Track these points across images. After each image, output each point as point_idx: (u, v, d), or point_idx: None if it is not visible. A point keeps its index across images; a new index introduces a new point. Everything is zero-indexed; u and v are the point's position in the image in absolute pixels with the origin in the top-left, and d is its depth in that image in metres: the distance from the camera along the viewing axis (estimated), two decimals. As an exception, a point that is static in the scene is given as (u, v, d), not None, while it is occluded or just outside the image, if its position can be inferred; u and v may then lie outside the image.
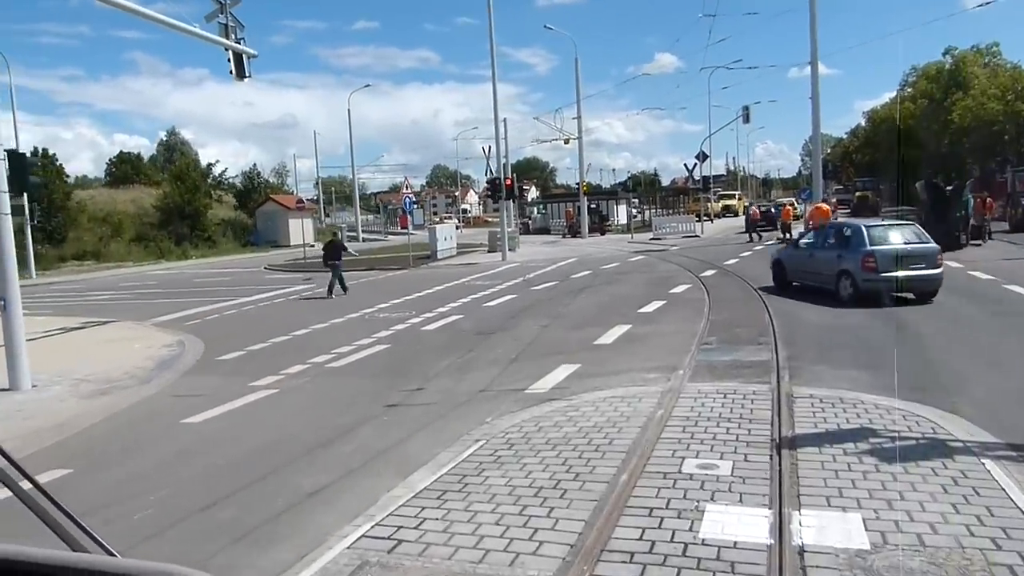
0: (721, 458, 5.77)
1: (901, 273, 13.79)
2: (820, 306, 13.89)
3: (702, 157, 50.12)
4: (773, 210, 39.17)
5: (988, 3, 23.86)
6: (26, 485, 1.31)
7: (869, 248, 14.14)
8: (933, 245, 14.42)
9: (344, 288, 20.78)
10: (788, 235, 32.01)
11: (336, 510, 5.39)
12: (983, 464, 5.41)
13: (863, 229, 14.72)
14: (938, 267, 14.10)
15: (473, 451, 6.37)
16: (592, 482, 5.45)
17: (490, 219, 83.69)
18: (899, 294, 13.91)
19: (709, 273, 20.85)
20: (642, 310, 14.58)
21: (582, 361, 10.00)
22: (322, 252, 22.53)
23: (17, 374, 10.15)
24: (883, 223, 15.88)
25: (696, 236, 39.22)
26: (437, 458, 6.32)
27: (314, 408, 8.79)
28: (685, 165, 55.57)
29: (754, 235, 34.22)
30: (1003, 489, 4.94)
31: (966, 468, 5.34)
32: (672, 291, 17.38)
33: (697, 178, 52.17)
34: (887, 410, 6.86)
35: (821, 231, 16.49)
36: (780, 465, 5.50)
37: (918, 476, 5.22)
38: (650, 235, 41.91)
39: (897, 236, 14.59)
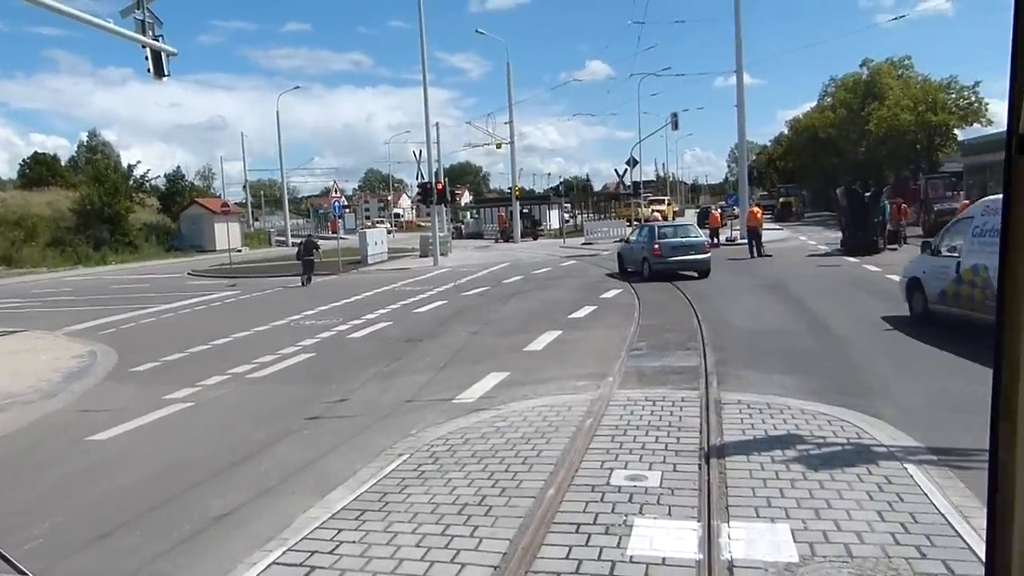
0: (650, 468, 5.63)
1: (678, 258, 19.96)
2: (748, 310, 14.02)
3: (632, 163, 50.79)
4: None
5: (901, 17, 24.79)
6: None
7: (657, 242, 20.25)
8: (701, 239, 20.92)
9: (309, 280, 25.09)
10: (716, 239, 32.59)
11: (247, 534, 5.05)
12: (906, 469, 5.41)
13: (655, 229, 21.35)
14: (705, 253, 20.23)
15: (396, 466, 6.10)
16: (518, 497, 5.24)
17: (423, 224, 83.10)
18: (682, 272, 19.73)
19: (639, 280, 20.91)
20: (573, 316, 14.50)
21: (511, 369, 9.81)
22: (297, 249, 27.19)
23: (-95, 390, 9.42)
24: (668, 225, 23.26)
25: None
26: (358, 474, 6.02)
27: (231, 422, 8.36)
28: (616, 171, 56.23)
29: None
30: (926, 495, 4.93)
31: (890, 474, 5.33)
32: (603, 296, 17.38)
33: (628, 183, 52.86)
34: (812, 415, 6.86)
35: (640, 231, 22.16)
36: (709, 475, 5.40)
37: (844, 483, 5.18)
38: (582, 240, 42.19)
39: (677, 234, 20.99)
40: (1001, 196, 1.18)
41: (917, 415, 6.89)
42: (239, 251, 50.20)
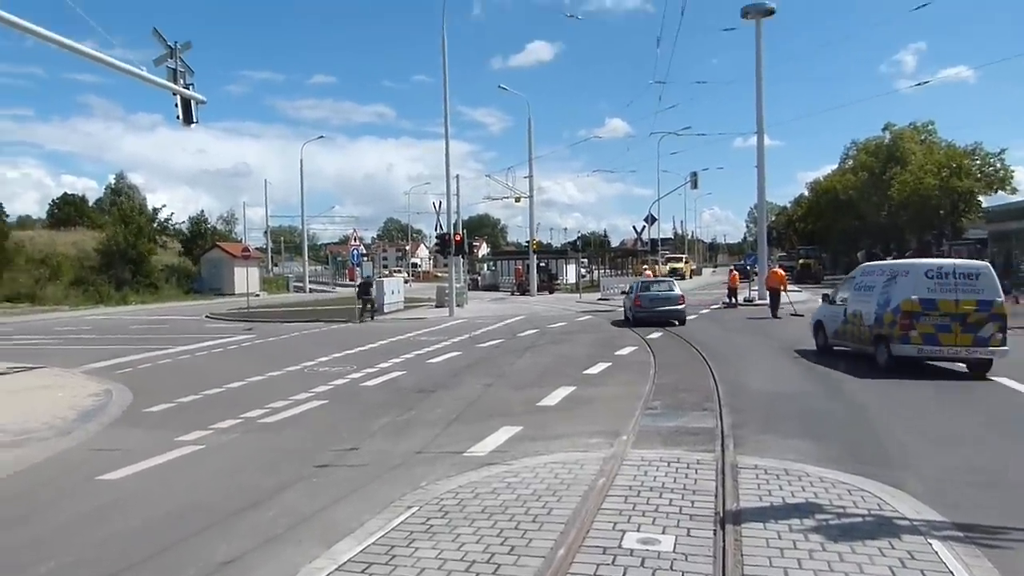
0: (663, 532, 5.53)
1: (656, 308, 24.35)
2: (770, 373, 13.90)
3: (651, 220, 51.11)
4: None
5: (923, 83, 24.99)
6: None
7: (638, 294, 25.21)
8: (676, 293, 24.95)
9: (372, 315, 29.76)
10: (734, 299, 32.52)
11: (251, 583, 4.98)
12: (930, 544, 5.27)
13: (639, 284, 27.29)
14: (680, 305, 24.41)
15: (404, 519, 6.02)
16: (527, 556, 5.14)
17: (440, 274, 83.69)
18: (660, 320, 23.84)
19: (655, 335, 20.87)
20: (587, 371, 14.42)
21: (524, 423, 9.73)
22: (357, 288, 31.88)
23: (-80, 423, 9.47)
24: (649, 281, 28.41)
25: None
26: (365, 526, 5.95)
27: (240, 467, 8.32)
28: (634, 227, 56.76)
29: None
30: (951, 573, 4.79)
31: (913, 549, 5.18)
32: (618, 353, 17.29)
33: (646, 240, 53.09)
34: (832, 483, 6.72)
35: (635, 285, 27.33)
36: (724, 542, 5.28)
37: (864, 556, 5.04)
38: (598, 295, 42.15)
39: (655, 288, 25.79)
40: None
41: (941, 488, 6.74)
42: (257, 295, 50.68)
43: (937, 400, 11.30)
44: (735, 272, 36.37)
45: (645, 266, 50.87)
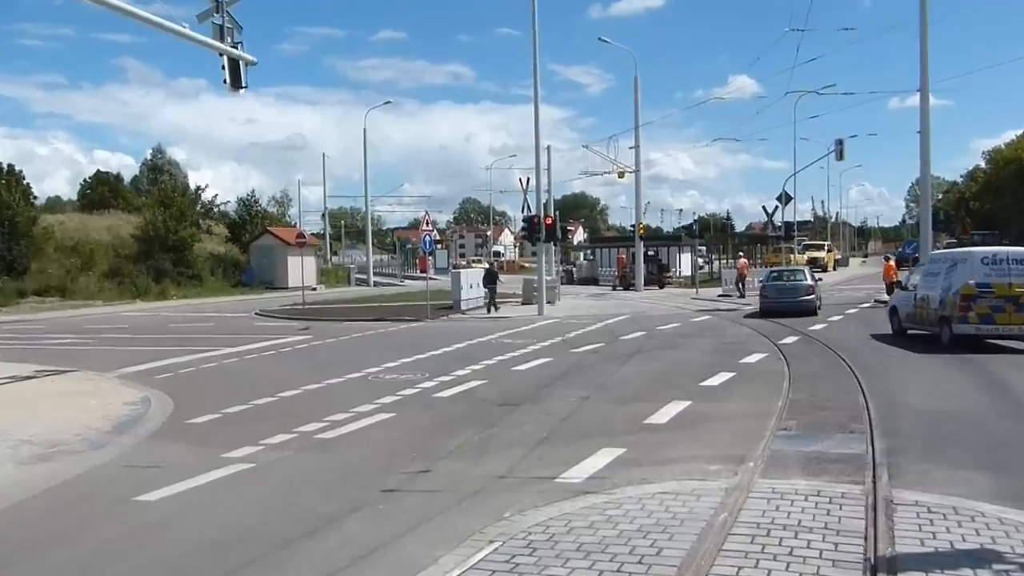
0: (799, 581, 5.42)
1: (783, 299, 27.94)
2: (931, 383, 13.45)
3: (784, 199, 49.90)
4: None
5: None
6: None
7: (765, 284, 29.57)
8: (805, 283, 28.61)
9: (496, 307, 32.57)
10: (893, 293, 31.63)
11: (307, 625, 5.13)
12: None
13: (767, 273, 32.05)
14: (809, 296, 27.97)
15: (485, 555, 6.10)
16: (632, 605, 5.13)
17: (527, 264, 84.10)
18: (784, 311, 26.96)
19: (790, 340, 20.54)
20: (705, 383, 14.27)
21: (628, 445, 9.71)
22: (482, 276, 34.69)
23: (-55, 431, 10.11)
24: (778, 270, 33.39)
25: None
26: (440, 562, 6.05)
27: (295, 489, 8.58)
28: (764, 208, 54.98)
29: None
30: None
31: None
32: (743, 361, 17.04)
33: (778, 224, 51.88)
34: (1015, 527, 6.46)
35: (765, 275, 31.95)
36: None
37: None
38: (719, 290, 41.56)
39: (783, 277, 29.92)
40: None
41: None
42: (314, 289, 51.81)
43: None
44: (891, 262, 35.24)
45: (809, 251, 49.63)
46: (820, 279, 31.55)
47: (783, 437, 9.98)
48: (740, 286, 38.98)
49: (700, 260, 55.63)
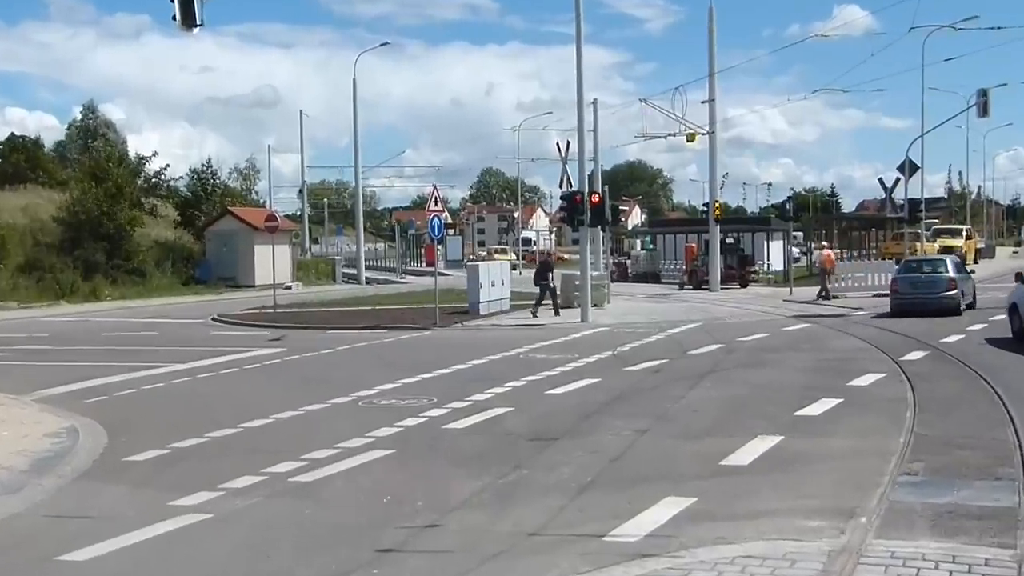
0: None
1: (918, 295, 29.90)
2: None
3: (909, 169, 49.28)
4: None
5: None
6: None
7: (896, 276, 31.42)
8: (946, 276, 29.95)
9: (556, 311, 32.69)
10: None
11: None
12: None
13: (901, 264, 34.84)
14: (949, 290, 29.43)
15: (511, 638, 6.11)
16: None
17: (566, 256, 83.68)
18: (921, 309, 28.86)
19: (916, 356, 20.40)
20: (802, 412, 14.20)
21: (699, 493, 9.68)
22: (535, 270, 36.20)
23: None
24: (916, 259, 35.79)
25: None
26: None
27: (265, 548, 8.62)
28: (880, 181, 54.20)
29: None
30: None
31: None
32: (853, 383, 16.95)
33: (900, 202, 51.34)
34: None
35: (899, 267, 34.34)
36: None
37: None
38: (819, 288, 41.28)
39: (922, 268, 31.70)
40: None
41: None
42: (289, 288, 52.00)
43: None
44: None
45: (942, 239, 49.11)
46: (972, 271, 32.03)
47: (906, 484, 9.90)
48: (824, 285, 38.94)
49: (795, 250, 55.16)
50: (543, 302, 32.95)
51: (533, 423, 14.10)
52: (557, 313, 32.43)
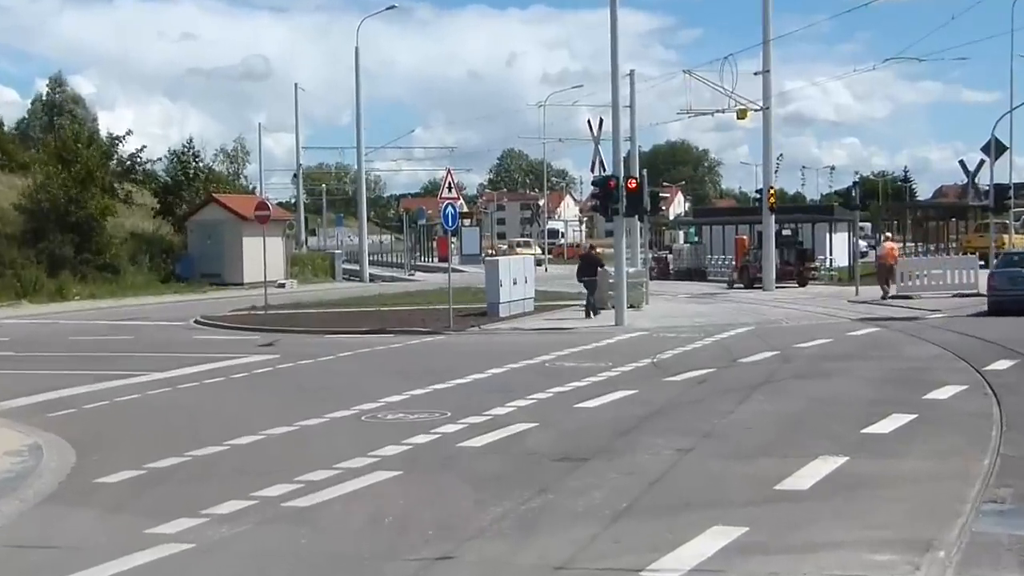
0: None
1: (1019, 291, 30.16)
2: None
3: (995, 149, 48.95)
4: None
5: None
6: None
7: (993, 271, 32.56)
8: None
9: (595, 311, 32.79)
10: None
11: None
12: None
13: (1001, 259, 35.30)
14: None
15: None
16: None
17: (601, 249, 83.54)
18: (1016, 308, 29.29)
19: (1003, 365, 20.34)
20: (870, 430, 14.16)
21: (751, 521, 9.66)
22: (577, 266, 36.24)
23: None
24: (1018, 252, 36.57)
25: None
26: None
27: (254, 583, 8.65)
28: (962, 163, 53.70)
29: None
30: None
31: None
32: (929, 396, 16.89)
33: (984, 187, 50.99)
34: None
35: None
36: None
37: None
38: (893, 287, 41.12)
39: (1023, 263, 31.97)
40: None
41: None
42: (282, 286, 52.09)
43: None
44: None
45: (885, 238, 49.13)
46: None
47: (991, 513, 9.87)
48: (885, 283, 39.20)
49: (862, 243, 54.91)
50: (594, 302, 33.21)
51: (560, 441, 14.09)
52: (592, 315, 32.58)
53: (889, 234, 47.44)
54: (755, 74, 48.24)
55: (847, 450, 12.79)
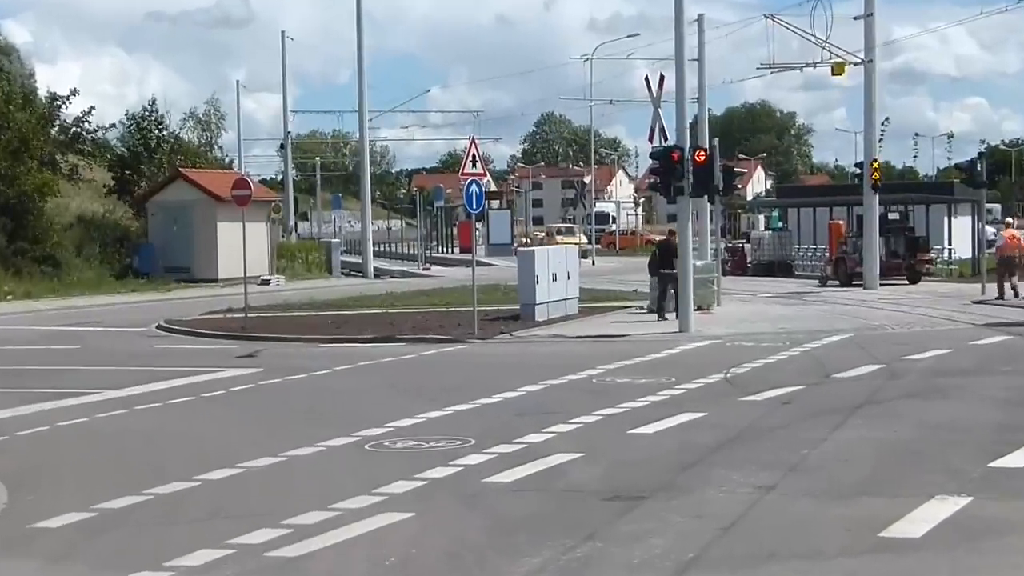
0: None
1: None
2: None
3: None
4: None
5: None
6: None
7: None
8: None
9: (663, 313, 33.46)
10: None
11: None
12: None
13: None
14: None
15: None
16: None
17: (658, 237, 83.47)
18: None
19: None
20: (998, 463, 14.10)
21: (849, 576, 9.65)
22: (650, 257, 36.80)
23: None
24: None
25: None
26: None
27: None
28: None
29: None
30: None
31: None
32: (1070, 422, 16.85)
33: None
34: None
35: None
36: None
37: None
38: (1021, 287, 40.95)
39: None
40: None
41: None
42: (266, 283, 52.30)
43: None
44: None
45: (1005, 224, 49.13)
46: None
47: None
48: (1000, 281, 39.24)
49: (990, 229, 54.45)
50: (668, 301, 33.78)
51: (611, 475, 14.09)
52: (662, 317, 33.37)
53: (1010, 220, 46.93)
54: (855, 18, 48.18)
55: (970, 488, 12.75)
